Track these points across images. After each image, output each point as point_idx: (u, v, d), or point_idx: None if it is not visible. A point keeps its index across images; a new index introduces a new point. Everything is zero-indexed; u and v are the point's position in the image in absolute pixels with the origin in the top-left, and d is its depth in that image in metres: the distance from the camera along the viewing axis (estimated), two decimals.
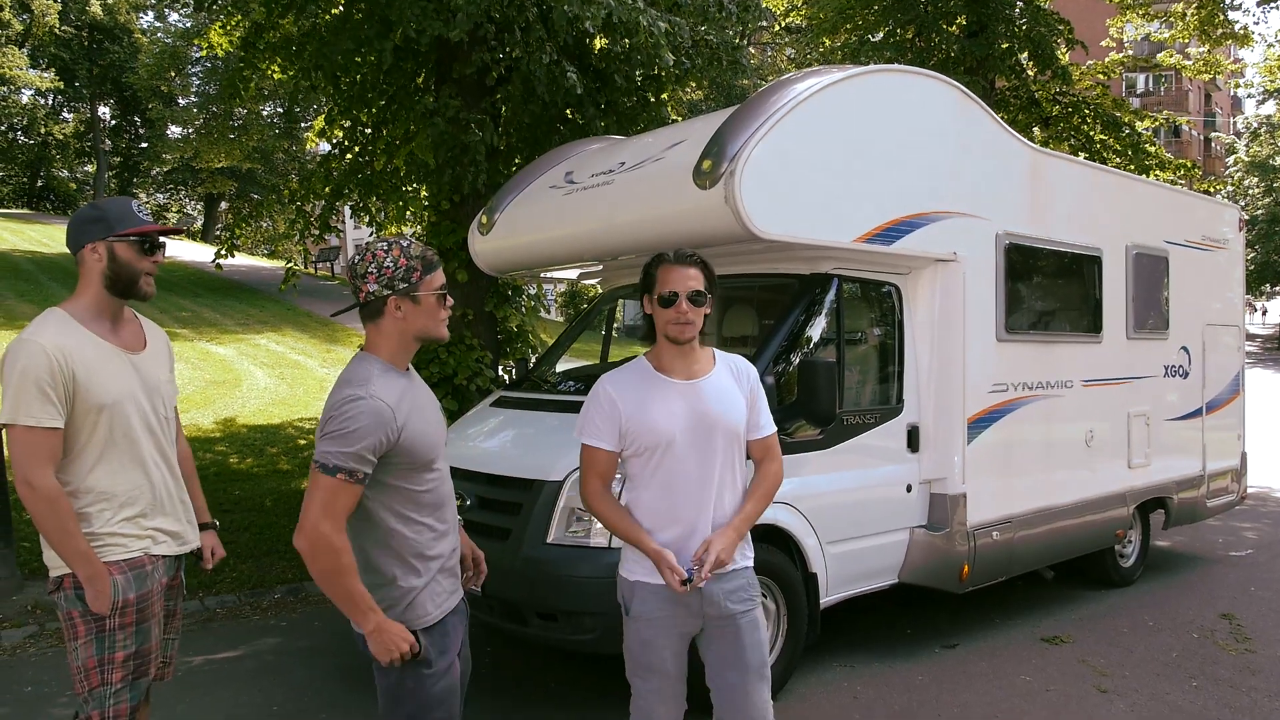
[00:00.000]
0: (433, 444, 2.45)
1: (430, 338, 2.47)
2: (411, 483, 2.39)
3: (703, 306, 2.68)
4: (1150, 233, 6.63)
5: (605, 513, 2.77)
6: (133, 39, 38.87)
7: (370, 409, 2.25)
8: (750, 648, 2.70)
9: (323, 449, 2.24)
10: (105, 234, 2.59)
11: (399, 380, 2.39)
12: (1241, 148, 43.91)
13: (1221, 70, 16.89)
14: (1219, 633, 5.52)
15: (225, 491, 8.00)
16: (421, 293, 2.38)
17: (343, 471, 2.22)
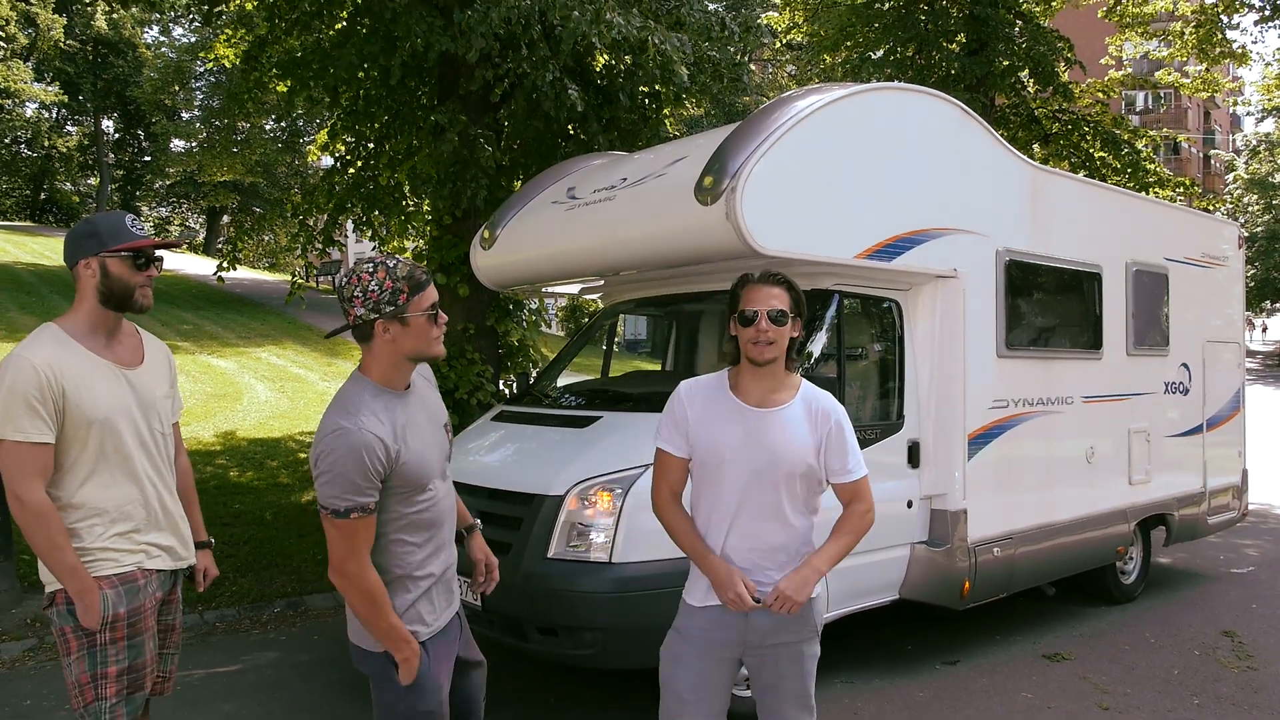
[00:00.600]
0: (428, 467, 2.45)
1: (423, 357, 2.46)
2: (405, 505, 2.41)
3: (784, 326, 2.59)
4: (1150, 250, 6.65)
5: (670, 523, 2.76)
6: (137, 53, 39.11)
7: (357, 444, 2.25)
8: (789, 676, 2.67)
9: (325, 494, 2.27)
10: (98, 249, 2.59)
11: (393, 402, 2.39)
12: (1241, 165, 44.05)
13: (1220, 88, 16.99)
14: (1221, 650, 5.50)
15: (225, 505, 8.00)
16: (410, 314, 2.36)
17: (355, 510, 2.27)
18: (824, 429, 2.65)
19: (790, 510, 2.65)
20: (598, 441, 4.36)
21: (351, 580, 2.31)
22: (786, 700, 2.68)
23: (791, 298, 2.64)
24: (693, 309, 6.00)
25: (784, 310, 2.60)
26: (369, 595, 2.32)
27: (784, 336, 2.62)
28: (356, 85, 8.45)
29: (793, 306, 2.63)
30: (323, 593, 6.44)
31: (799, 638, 2.67)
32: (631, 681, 4.66)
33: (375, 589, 2.33)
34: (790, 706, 2.69)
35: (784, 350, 2.64)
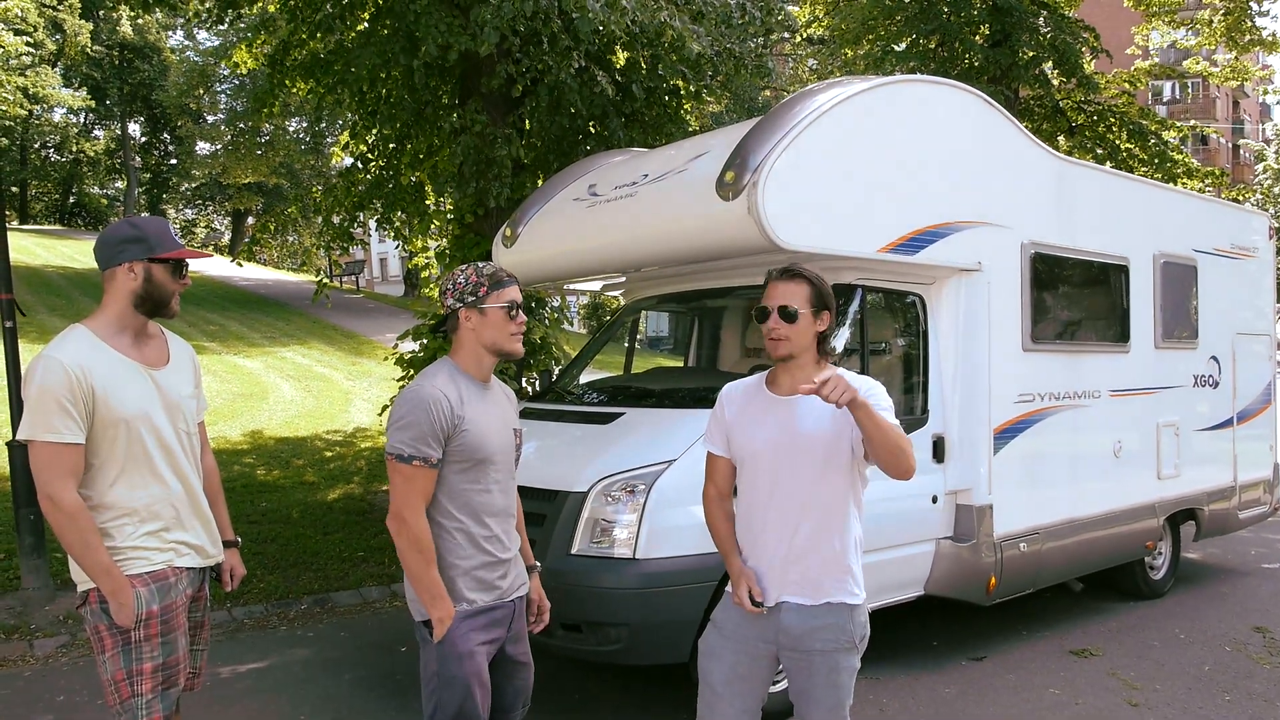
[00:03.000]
0: (488, 445, 2.65)
1: (501, 350, 2.71)
2: (463, 479, 2.62)
3: (797, 322, 2.59)
4: (1178, 241, 6.57)
5: (710, 521, 2.82)
6: (162, 58, 39.55)
7: (427, 396, 2.55)
8: (822, 687, 2.61)
9: (393, 441, 2.54)
10: (144, 255, 2.61)
11: (469, 385, 2.66)
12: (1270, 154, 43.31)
13: (1249, 77, 16.71)
14: (1252, 646, 5.43)
15: (252, 503, 8.08)
16: (488, 305, 2.66)
17: (418, 459, 2.52)
18: None
19: (828, 498, 2.62)
20: (621, 438, 4.37)
21: (405, 525, 2.53)
22: (818, 708, 2.63)
23: (811, 292, 2.62)
24: (715, 305, 5.99)
25: (794, 307, 2.59)
26: (417, 543, 2.54)
27: (800, 332, 2.60)
28: (379, 85, 8.50)
29: (812, 300, 2.61)
30: (349, 590, 6.50)
31: (833, 646, 2.60)
32: (657, 677, 4.67)
33: (424, 539, 2.55)
34: (821, 715, 2.64)
35: (805, 345, 2.62)
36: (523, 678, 2.87)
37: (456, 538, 2.63)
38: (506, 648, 2.77)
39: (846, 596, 2.63)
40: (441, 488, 2.61)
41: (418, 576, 2.57)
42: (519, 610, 2.81)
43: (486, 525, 2.67)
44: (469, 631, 2.60)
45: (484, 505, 2.66)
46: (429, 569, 2.56)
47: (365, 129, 9.07)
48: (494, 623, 2.68)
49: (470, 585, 2.64)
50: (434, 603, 2.57)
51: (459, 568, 2.63)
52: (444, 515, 2.63)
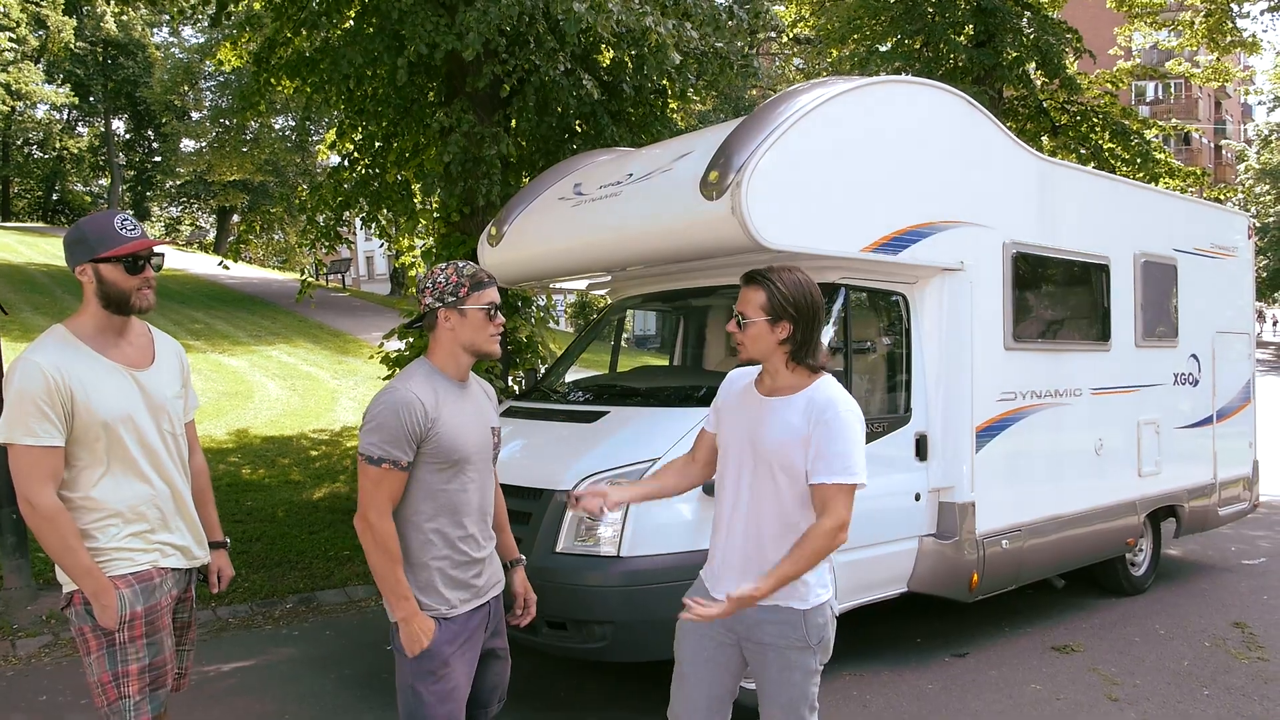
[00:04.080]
0: (462, 445, 2.63)
1: (479, 351, 2.70)
2: (438, 480, 2.61)
3: (748, 330, 2.59)
4: (1159, 241, 6.63)
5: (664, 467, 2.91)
6: (147, 54, 39.29)
7: (399, 400, 2.54)
8: (776, 682, 2.62)
9: (363, 442, 2.55)
10: (88, 256, 2.57)
11: (444, 384, 2.66)
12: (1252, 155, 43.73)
13: (1230, 77, 16.87)
14: (1231, 641, 5.50)
15: (237, 502, 8.06)
16: (469, 306, 2.64)
17: (387, 461, 2.52)
18: (815, 424, 2.52)
19: (788, 505, 2.59)
20: (606, 436, 4.38)
21: (371, 527, 2.53)
22: (773, 705, 2.64)
23: (769, 298, 2.56)
24: (700, 304, 6.01)
25: (745, 315, 2.58)
26: (383, 545, 2.53)
27: (754, 339, 2.59)
28: (365, 84, 8.47)
29: (768, 308, 2.56)
30: (334, 589, 6.49)
31: (784, 642, 2.59)
32: (641, 675, 4.69)
33: (389, 541, 2.54)
34: (777, 714, 2.64)
35: (763, 351, 2.61)
36: (499, 672, 2.87)
37: (431, 538, 2.62)
38: (486, 642, 2.78)
39: (796, 601, 2.59)
40: (417, 488, 2.59)
41: (383, 577, 2.56)
42: (495, 608, 2.81)
43: (462, 525, 2.66)
44: (445, 641, 2.59)
45: (460, 505, 2.65)
46: (394, 570, 2.55)
47: (352, 127, 9.04)
48: (475, 630, 2.68)
49: (446, 585, 2.63)
50: (398, 604, 2.56)
51: (433, 568, 2.62)
52: (420, 515, 2.61)
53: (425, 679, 2.57)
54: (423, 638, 2.55)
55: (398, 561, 2.56)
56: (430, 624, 2.57)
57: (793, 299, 2.57)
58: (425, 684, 2.57)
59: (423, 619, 2.57)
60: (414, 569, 2.60)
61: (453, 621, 2.62)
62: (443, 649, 2.58)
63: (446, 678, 2.59)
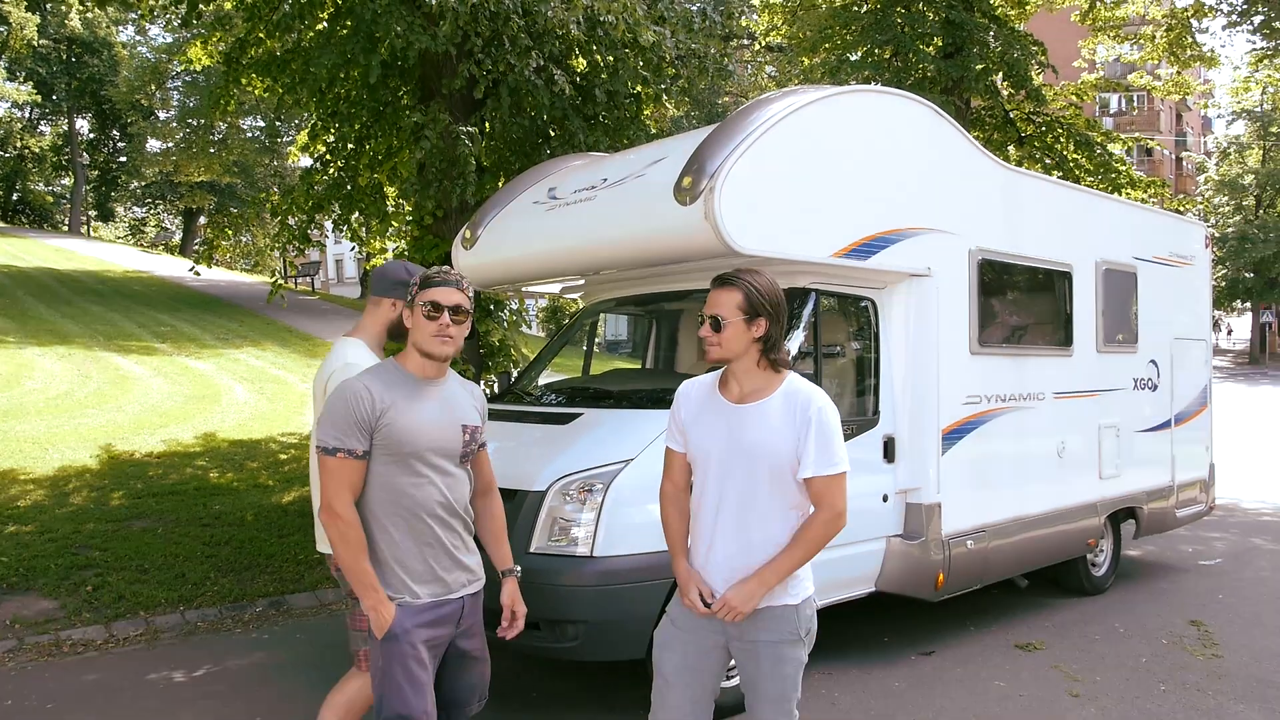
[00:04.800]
0: (418, 440, 2.65)
1: (422, 350, 2.73)
2: (397, 473, 2.65)
3: (723, 332, 2.63)
4: (1119, 249, 6.79)
5: (664, 517, 2.87)
6: (113, 53, 38.73)
7: (348, 390, 2.62)
8: (768, 677, 2.67)
9: (318, 434, 2.62)
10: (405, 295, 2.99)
11: (405, 379, 2.70)
12: (1212, 167, 44.73)
13: (1190, 91, 17.26)
14: (1188, 639, 5.64)
15: (205, 506, 7.98)
16: (415, 304, 2.72)
17: (342, 450, 2.58)
18: (801, 421, 2.62)
19: (775, 507, 2.66)
20: (579, 438, 4.42)
21: (335, 517, 2.59)
22: (764, 701, 2.70)
23: (744, 298, 2.63)
24: (672, 307, 6.07)
25: (721, 315, 2.62)
26: (348, 536, 2.59)
27: (730, 339, 2.64)
28: (337, 86, 8.46)
29: (744, 308, 2.63)
30: (305, 592, 6.46)
31: (778, 638, 2.67)
32: (614, 674, 4.73)
33: (352, 530, 2.59)
34: (767, 708, 2.70)
35: (738, 350, 2.66)
36: (477, 672, 2.89)
37: (392, 532, 2.66)
38: (459, 642, 2.79)
39: (789, 598, 2.69)
40: (374, 480, 2.64)
41: (349, 567, 2.60)
42: (470, 606, 2.81)
43: (425, 520, 2.67)
44: (409, 628, 2.63)
45: (421, 499, 2.66)
46: (359, 559, 2.59)
47: (324, 129, 9.01)
48: (439, 619, 2.70)
49: (411, 577, 2.66)
50: (365, 593, 2.60)
51: (397, 560, 2.66)
52: (381, 508, 2.66)
53: (393, 659, 2.61)
54: (387, 620, 2.60)
55: (362, 550, 2.60)
56: (393, 608, 2.62)
57: (767, 297, 2.66)
58: (394, 665, 2.60)
59: (388, 605, 2.61)
60: (376, 560, 2.65)
61: (414, 608, 2.65)
62: (407, 632, 2.62)
63: (416, 660, 2.62)
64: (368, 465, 2.63)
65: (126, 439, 9.91)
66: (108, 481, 8.36)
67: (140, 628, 5.76)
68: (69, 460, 8.90)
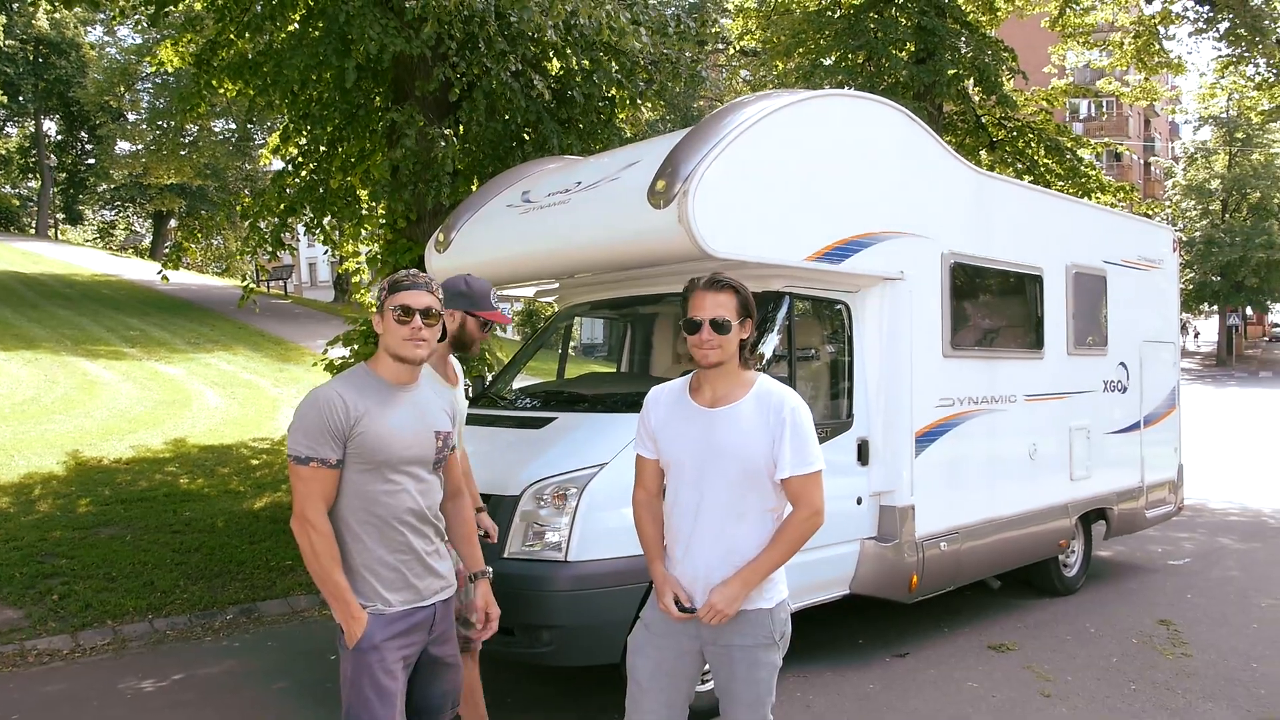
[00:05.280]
0: (390, 448, 2.61)
1: (394, 354, 2.69)
2: (369, 482, 2.61)
3: (729, 334, 2.62)
4: (1089, 253, 6.87)
5: (638, 524, 2.86)
6: (81, 54, 38.19)
7: (320, 397, 2.58)
8: (743, 681, 2.67)
9: (290, 443, 2.57)
10: (466, 307, 3.51)
11: (378, 385, 2.67)
12: (1179, 172, 45.42)
13: (1158, 97, 17.53)
14: (1157, 638, 5.71)
15: (175, 513, 7.87)
16: (385, 310, 2.69)
17: (315, 460, 2.54)
18: (775, 423, 2.64)
19: (752, 510, 2.66)
20: (553, 442, 4.41)
21: (307, 527, 2.54)
22: (739, 705, 2.70)
23: (738, 301, 2.66)
24: (647, 311, 6.07)
25: (728, 319, 2.63)
26: (319, 545, 2.54)
27: (730, 341, 2.65)
28: (309, 88, 8.39)
29: (739, 310, 2.66)
30: (276, 599, 6.39)
31: (753, 642, 2.67)
32: (589, 679, 4.72)
33: (325, 541, 2.55)
34: (742, 712, 2.70)
35: (733, 352, 2.68)
36: (450, 679, 2.85)
37: (364, 540, 2.62)
38: (431, 649, 2.76)
39: (763, 602, 2.69)
40: (347, 488, 2.60)
41: (322, 579, 2.56)
42: (443, 613, 2.78)
43: (398, 528, 2.64)
44: (383, 639, 2.59)
45: (393, 507, 2.63)
46: (333, 571, 2.55)
47: (296, 131, 8.93)
48: (412, 627, 2.66)
49: (384, 585, 2.62)
50: (338, 604, 2.57)
51: (371, 568, 2.62)
52: (353, 516, 2.61)
53: (363, 671, 2.57)
54: (358, 631, 2.56)
55: (336, 561, 2.56)
56: (365, 617, 2.58)
57: (751, 300, 2.71)
58: (363, 677, 2.57)
59: (361, 616, 2.57)
60: (348, 569, 2.60)
61: (387, 617, 2.61)
62: (379, 642, 2.58)
63: (385, 672, 2.58)
64: (341, 474, 2.59)
65: (94, 445, 9.77)
66: (75, 488, 8.23)
67: (108, 636, 5.67)
68: (35, 467, 8.76)
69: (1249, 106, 16.19)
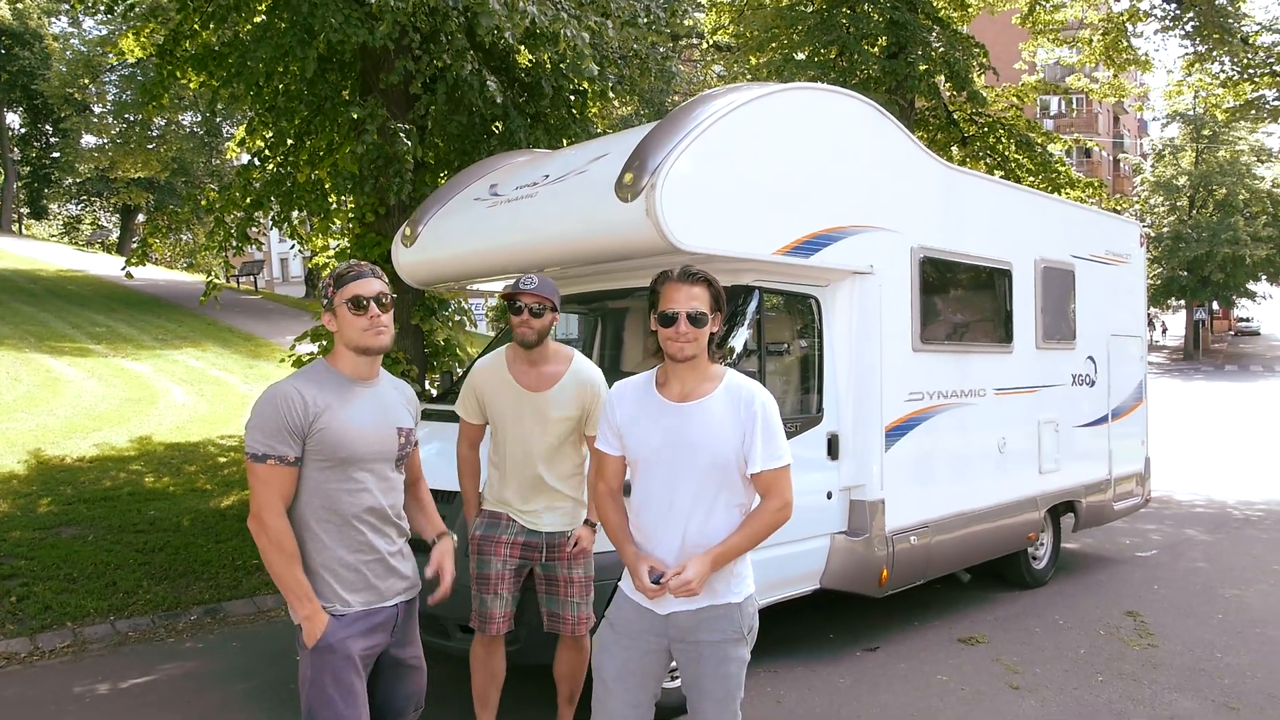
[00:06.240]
0: (349, 445, 2.56)
1: (357, 346, 2.63)
2: (329, 480, 2.56)
3: (704, 327, 2.60)
4: (1058, 247, 6.91)
5: (602, 515, 2.83)
6: (44, 45, 37.43)
7: (278, 394, 2.53)
8: (711, 677, 2.65)
9: (248, 441, 2.53)
10: None
11: (338, 381, 2.61)
12: (1147, 168, 45.97)
13: (1126, 94, 17.69)
14: (1124, 630, 5.75)
15: (139, 511, 7.73)
16: (336, 305, 2.62)
17: (272, 457, 2.49)
18: (746, 417, 2.62)
19: (722, 504, 2.65)
20: None
21: (264, 526, 2.49)
22: (708, 701, 2.67)
23: (711, 294, 2.64)
24: (617, 306, 6.01)
25: (704, 311, 2.60)
26: (277, 544, 2.49)
27: (704, 334, 2.63)
28: (276, 80, 8.26)
29: (712, 303, 2.63)
30: (242, 599, 6.30)
31: (721, 637, 2.64)
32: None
33: (284, 540, 2.50)
34: (711, 708, 2.67)
35: (704, 344, 2.65)
36: (413, 681, 2.80)
37: (323, 539, 2.56)
38: (393, 651, 2.71)
39: (731, 597, 2.67)
40: (307, 485, 2.55)
41: (280, 577, 2.51)
42: (405, 614, 2.73)
43: (357, 527, 2.59)
44: (343, 638, 2.54)
45: (353, 505, 2.58)
46: (291, 569, 2.50)
47: (262, 124, 8.79)
48: (373, 628, 2.61)
49: (343, 586, 2.57)
50: (299, 603, 2.52)
51: (330, 568, 2.56)
52: (312, 514, 2.56)
53: (323, 670, 2.52)
54: (318, 630, 2.51)
55: (295, 560, 2.51)
56: (326, 618, 2.53)
57: (721, 293, 2.69)
58: (324, 675, 2.52)
59: (321, 615, 2.52)
60: (307, 569, 2.55)
61: (347, 617, 2.56)
62: (341, 643, 2.53)
63: (347, 669, 2.53)
64: (299, 471, 2.53)
65: (57, 443, 9.58)
66: (36, 488, 8.07)
67: (67, 639, 5.55)
68: None
69: (1214, 104, 16.36)
